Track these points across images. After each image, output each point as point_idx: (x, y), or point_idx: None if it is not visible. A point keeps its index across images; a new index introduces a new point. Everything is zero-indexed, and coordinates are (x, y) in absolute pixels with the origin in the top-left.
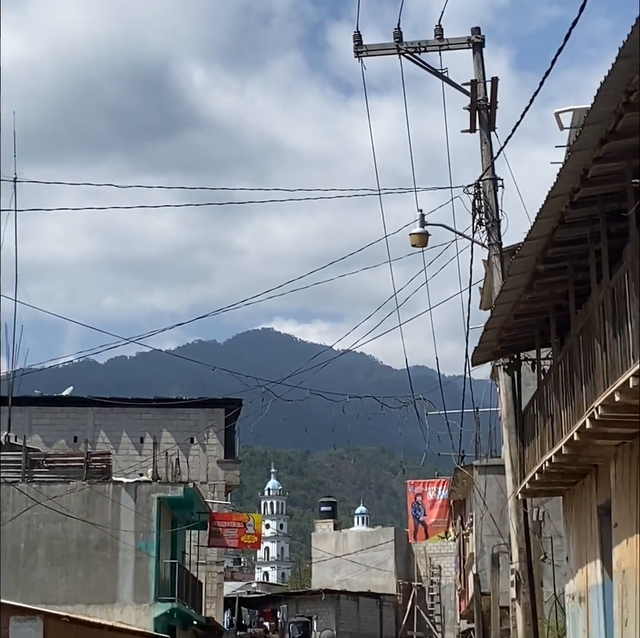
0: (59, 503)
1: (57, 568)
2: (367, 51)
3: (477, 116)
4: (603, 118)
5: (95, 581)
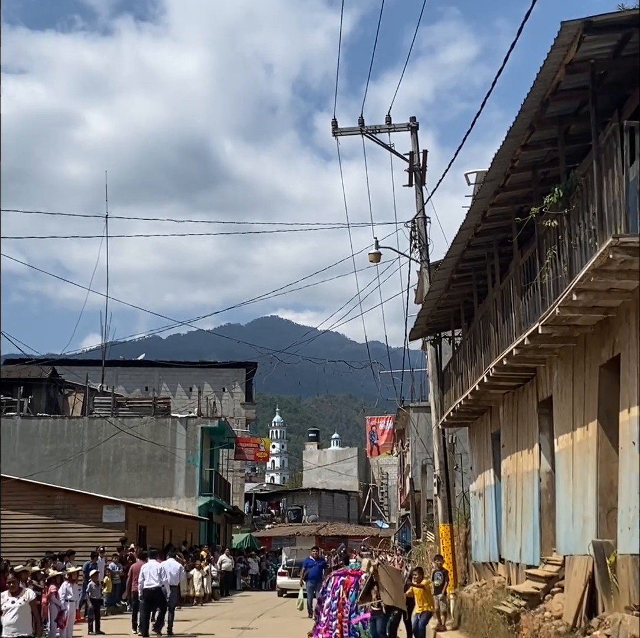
0: (135, 431)
1: (133, 474)
2: (340, 132)
3: (413, 176)
4: (496, 177)
5: (159, 482)
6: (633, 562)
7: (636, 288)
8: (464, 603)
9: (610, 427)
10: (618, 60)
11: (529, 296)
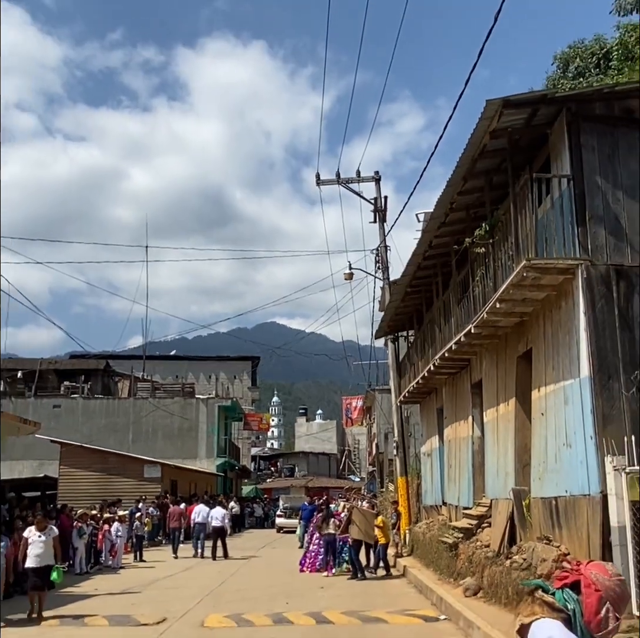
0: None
1: (167, 441)
2: (322, 183)
3: (377, 215)
4: (439, 216)
5: (186, 447)
6: (542, 504)
7: (543, 298)
8: (416, 536)
9: (524, 403)
10: (529, 129)
11: (464, 305)
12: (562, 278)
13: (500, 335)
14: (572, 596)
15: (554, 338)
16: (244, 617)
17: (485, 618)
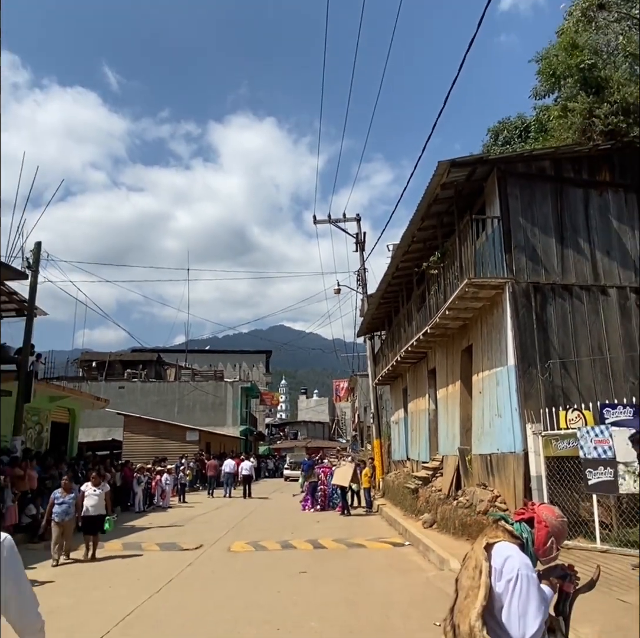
0: (203, 389)
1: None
2: (317, 222)
3: (358, 246)
4: (403, 246)
5: (217, 418)
6: (480, 459)
7: (480, 307)
8: (387, 483)
9: (467, 384)
10: (469, 182)
11: (422, 312)
12: (494, 292)
13: (449, 334)
14: (526, 528)
15: (488, 336)
16: (260, 543)
17: (438, 543)
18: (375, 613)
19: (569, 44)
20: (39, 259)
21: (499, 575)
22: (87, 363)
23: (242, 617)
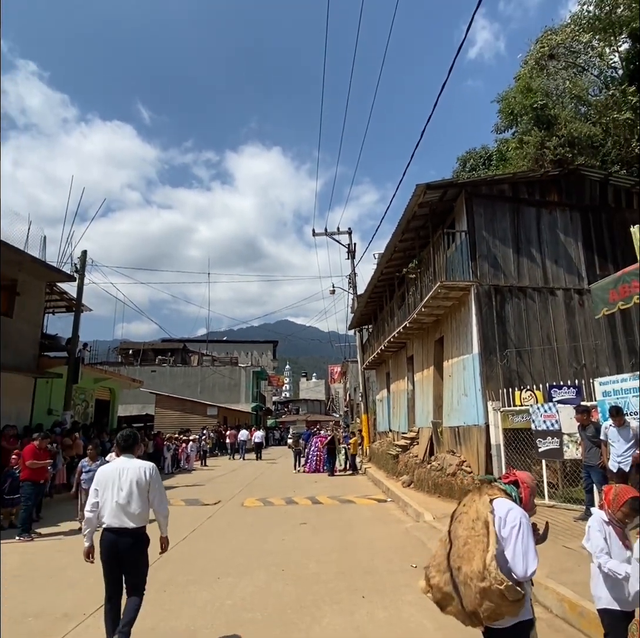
0: (221, 373)
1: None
2: (316, 234)
3: (349, 254)
4: (387, 255)
5: (233, 396)
6: (450, 430)
7: (450, 305)
8: (372, 450)
9: (439, 369)
10: (442, 202)
11: (402, 309)
12: (462, 293)
13: (424, 328)
14: (514, 489)
15: (457, 330)
16: (268, 499)
17: (415, 500)
18: (362, 557)
19: (525, 87)
20: (84, 264)
21: (504, 523)
22: (125, 351)
23: (254, 560)
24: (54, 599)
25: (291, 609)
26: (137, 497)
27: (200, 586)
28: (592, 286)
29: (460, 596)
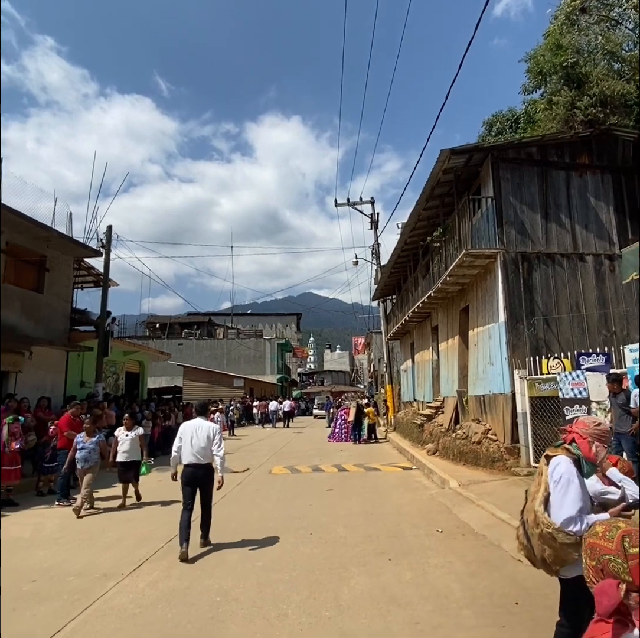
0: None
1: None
2: (338, 205)
3: (372, 224)
4: (411, 224)
5: (259, 368)
6: (475, 399)
7: (476, 273)
8: (397, 420)
9: (464, 339)
10: (467, 168)
11: (427, 279)
12: (488, 261)
13: (449, 297)
14: (575, 446)
15: (482, 298)
16: (295, 467)
17: (440, 467)
18: (388, 521)
19: (554, 44)
20: (110, 239)
21: (550, 478)
22: (152, 325)
23: (282, 524)
24: (93, 560)
25: (319, 570)
26: (207, 444)
27: (231, 548)
28: (623, 251)
29: (532, 546)
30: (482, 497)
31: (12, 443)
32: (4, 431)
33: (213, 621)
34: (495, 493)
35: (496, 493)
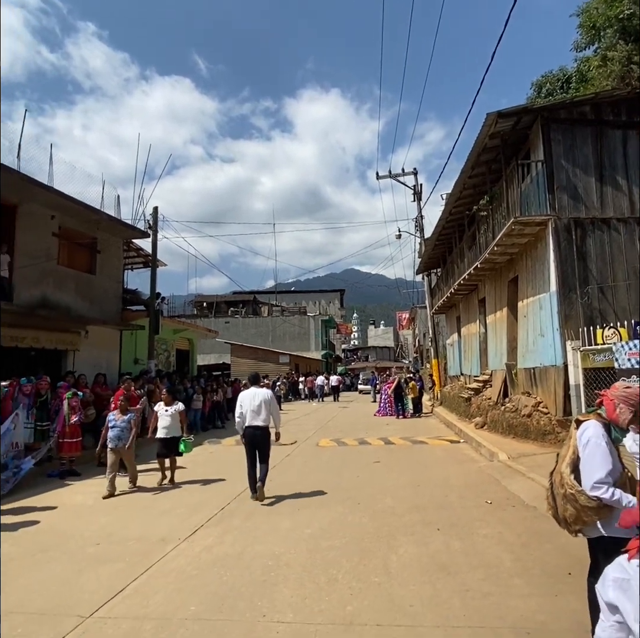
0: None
1: (291, 341)
2: (380, 178)
3: (415, 196)
4: (456, 193)
5: (303, 344)
6: (525, 372)
7: (525, 242)
8: (444, 394)
9: (513, 310)
10: (515, 131)
11: (472, 250)
12: (538, 228)
13: (496, 268)
14: (604, 409)
15: (532, 268)
16: (341, 440)
17: (488, 440)
18: (436, 493)
19: None
20: (156, 220)
21: (579, 441)
22: (199, 304)
23: (330, 494)
24: (151, 526)
25: (368, 539)
26: (264, 408)
27: (282, 516)
28: None
29: (556, 505)
30: (532, 470)
31: (71, 416)
32: (65, 406)
33: (266, 584)
34: (546, 466)
35: (548, 465)
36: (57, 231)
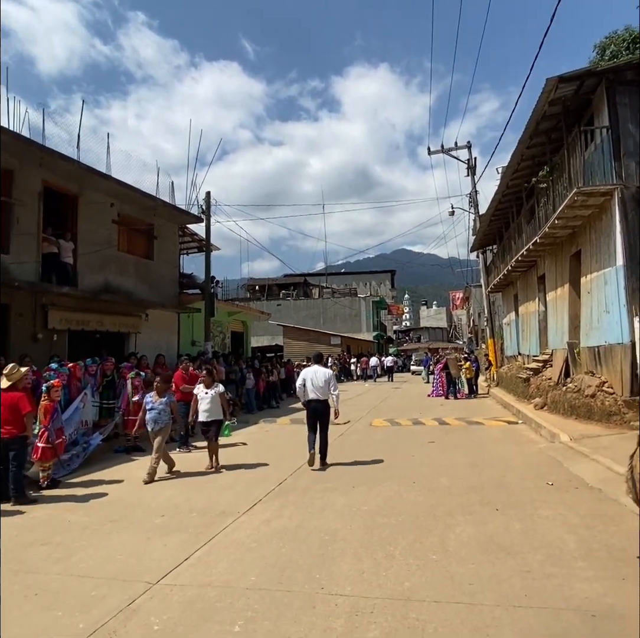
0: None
1: (342, 323)
2: (431, 153)
3: (469, 171)
4: (513, 165)
5: (354, 326)
6: (588, 351)
7: (589, 214)
8: (500, 375)
9: (575, 287)
10: (577, 96)
11: (531, 224)
12: (603, 199)
13: (557, 243)
14: None
15: (597, 241)
16: (395, 420)
17: (549, 421)
18: (494, 473)
19: None
20: (209, 205)
21: None
22: (252, 287)
23: (385, 473)
24: (212, 499)
25: (424, 517)
26: (324, 385)
27: (337, 493)
28: None
29: (636, 489)
30: (597, 451)
31: (135, 395)
32: (129, 386)
33: (323, 558)
34: (612, 448)
35: (613, 447)
36: (116, 218)
